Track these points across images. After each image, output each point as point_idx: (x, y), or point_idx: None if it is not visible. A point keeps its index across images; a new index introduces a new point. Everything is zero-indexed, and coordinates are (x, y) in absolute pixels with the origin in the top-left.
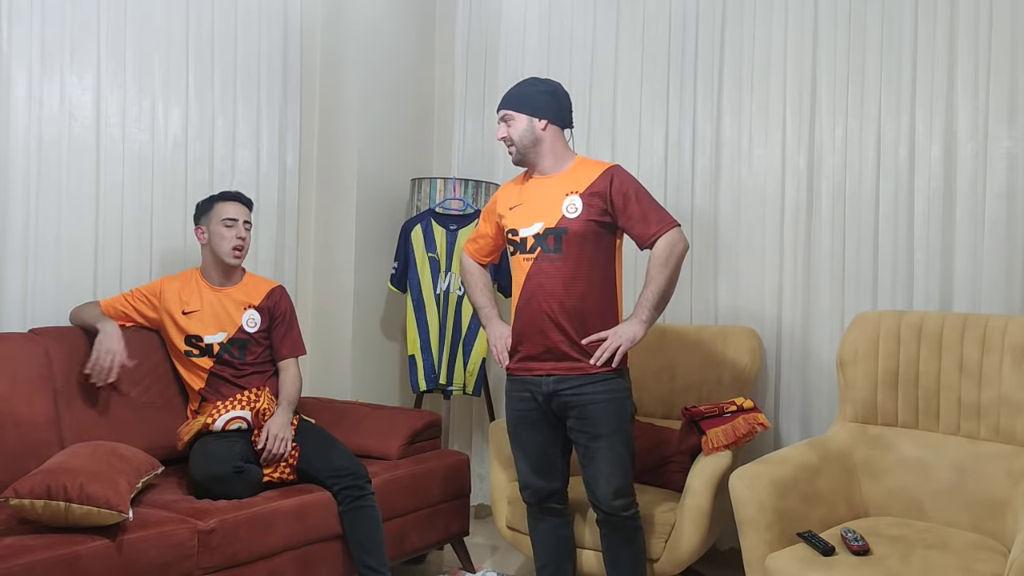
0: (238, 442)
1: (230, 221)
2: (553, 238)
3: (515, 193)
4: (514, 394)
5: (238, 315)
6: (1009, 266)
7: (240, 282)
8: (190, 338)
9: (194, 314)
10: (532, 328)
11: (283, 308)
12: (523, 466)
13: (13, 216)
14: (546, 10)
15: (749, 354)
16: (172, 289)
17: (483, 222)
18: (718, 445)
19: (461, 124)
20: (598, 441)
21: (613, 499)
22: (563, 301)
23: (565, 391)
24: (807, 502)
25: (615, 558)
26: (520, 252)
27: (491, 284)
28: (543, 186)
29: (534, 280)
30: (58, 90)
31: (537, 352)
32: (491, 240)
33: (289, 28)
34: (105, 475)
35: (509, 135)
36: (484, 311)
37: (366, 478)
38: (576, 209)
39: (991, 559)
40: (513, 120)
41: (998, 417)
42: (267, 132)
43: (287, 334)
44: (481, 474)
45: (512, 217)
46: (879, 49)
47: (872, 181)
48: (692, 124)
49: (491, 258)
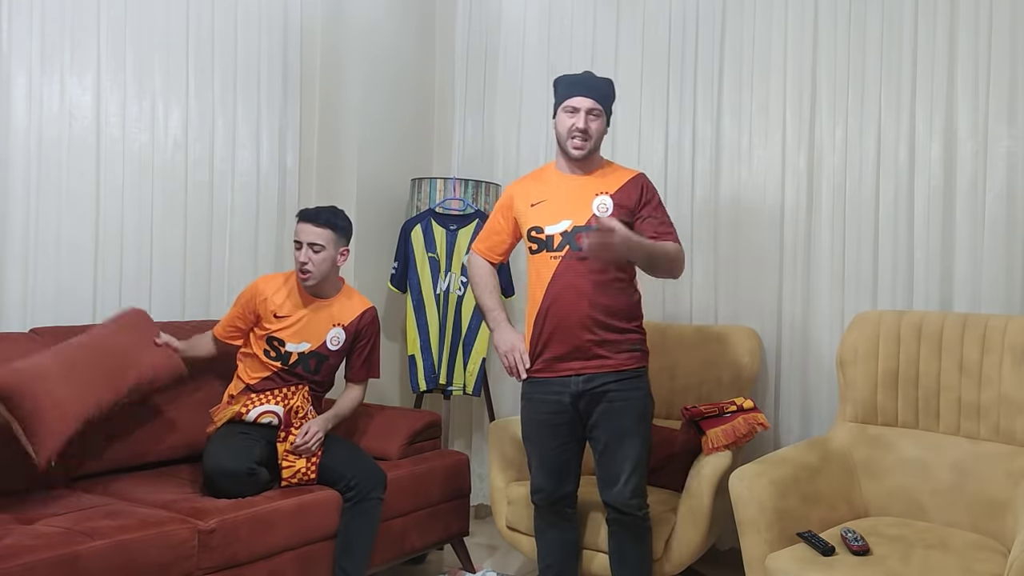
0: (259, 442)
1: (297, 243)
2: (583, 236)
3: (535, 189)
4: (535, 396)
5: (325, 331)
6: (1009, 266)
7: (336, 296)
8: (272, 340)
9: (285, 319)
10: (561, 328)
11: (370, 331)
12: (537, 469)
13: (13, 216)
14: (546, 10)
15: (749, 354)
16: (270, 289)
17: (496, 219)
18: (718, 445)
19: (461, 124)
20: (621, 439)
21: (631, 498)
22: (593, 300)
23: (594, 389)
24: (807, 502)
25: (623, 557)
26: (545, 250)
27: (499, 285)
28: (573, 183)
29: (563, 279)
30: (58, 90)
31: (564, 352)
32: (507, 237)
33: (289, 28)
34: (63, 406)
35: (591, 130)
36: (492, 314)
37: (380, 485)
38: (607, 208)
39: (991, 559)
40: (600, 117)
41: (998, 417)
42: (267, 132)
43: (368, 356)
44: (481, 474)
45: (535, 215)
46: (879, 49)
47: (872, 181)
48: (692, 124)
49: (503, 257)
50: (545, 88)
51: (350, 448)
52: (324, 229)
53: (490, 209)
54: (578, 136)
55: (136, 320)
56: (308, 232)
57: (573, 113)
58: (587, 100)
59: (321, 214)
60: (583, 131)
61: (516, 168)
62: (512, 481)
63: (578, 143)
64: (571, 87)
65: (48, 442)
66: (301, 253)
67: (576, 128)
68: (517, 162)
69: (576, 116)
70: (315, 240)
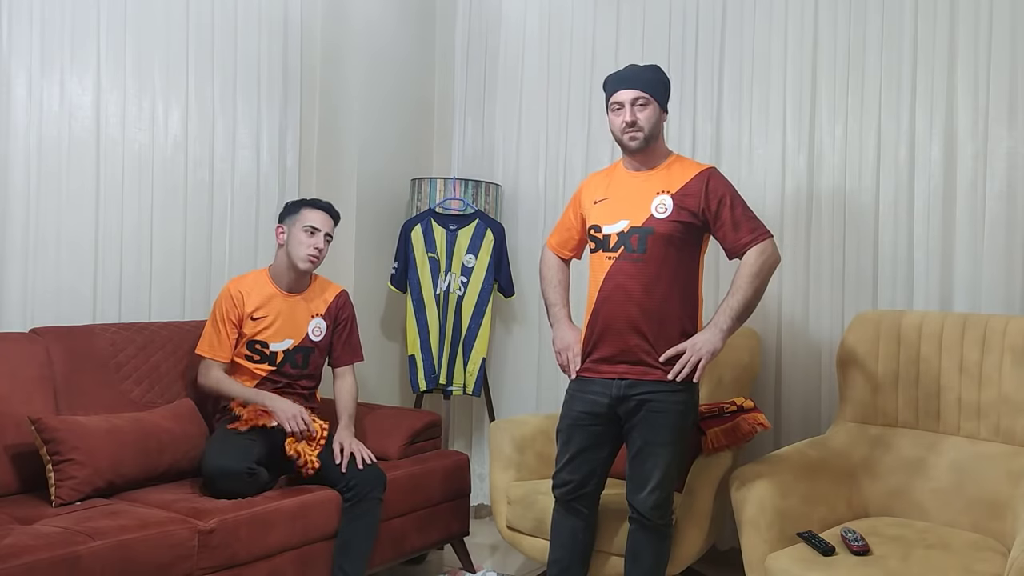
0: (256, 442)
1: (312, 229)
2: (638, 238)
3: (602, 186)
4: (578, 395)
5: (305, 323)
6: (1009, 266)
7: (308, 288)
8: (254, 343)
9: (262, 319)
10: (609, 329)
11: (346, 314)
12: (564, 462)
13: (13, 216)
14: (546, 9)
15: (749, 354)
16: (244, 291)
17: (568, 214)
18: (718, 445)
19: (461, 124)
20: (656, 448)
21: (653, 508)
22: (642, 304)
23: (636, 395)
24: (807, 502)
25: (637, 556)
26: (602, 249)
27: (568, 281)
28: (635, 181)
29: (613, 280)
30: (58, 90)
31: (611, 354)
32: (576, 232)
33: (289, 28)
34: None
35: (639, 120)
36: (555, 309)
37: (380, 485)
38: (666, 209)
39: (991, 559)
40: (649, 105)
41: (998, 417)
42: (267, 132)
43: (347, 340)
44: (481, 474)
45: (596, 212)
46: (879, 49)
47: (872, 181)
48: (692, 123)
49: (575, 253)
50: (545, 88)
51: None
52: (334, 221)
53: (490, 209)
54: (629, 130)
55: (185, 410)
56: (325, 222)
57: (619, 109)
58: (630, 92)
59: (330, 206)
60: (631, 123)
61: (516, 168)
62: (512, 481)
63: (631, 134)
64: (613, 85)
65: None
66: (315, 239)
67: (624, 122)
68: (517, 162)
69: (622, 111)
70: (330, 231)
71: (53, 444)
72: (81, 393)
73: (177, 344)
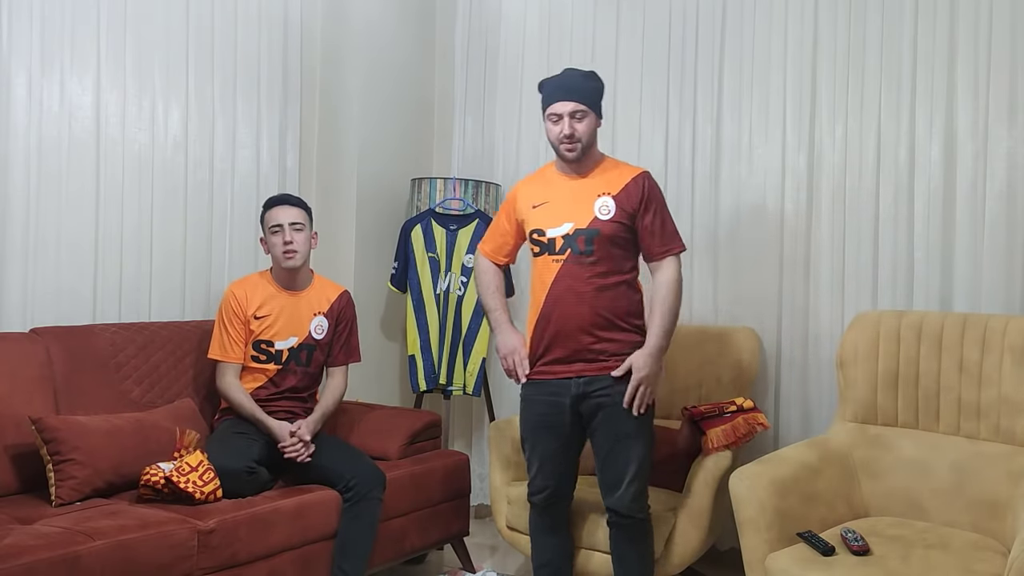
0: (257, 441)
1: (276, 227)
2: (584, 239)
3: (538, 191)
4: (535, 398)
5: (307, 321)
6: (1009, 266)
7: (309, 287)
8: (259, 343)
9: (265, 318)
10: (562, 332)
11: (348, 315)
12: (536, 469)
13: (13, 216)
14: (546, 9)
15: (749, 354)
16: (246, 292)
17: (501, 220)
18: (718, 445)
19: (461, 124)
20: (624, 442)
21: (632, 501)
22: (593, 304)
23: (595, 392)
24: (807, 502)
25: (624, 558)
26: (547, 253)
27: (504, 286)
28: (573, 185)
29: (563, 282)
30: (58, 90)
31: (565, 355)
32: (511, 238)
33: (289, 28)
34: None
35: (577, 132)
36: (495, 315)
37: (380, 485)
38: (609, 211)
39: (991, 559)
40: (586, 117)
41: (998, 417)
42: (267, 132)
43: (347, 340)
44: (481, 474)
45: (537, 216)
46: (879, 49)
47: (872, 181)
48: (692, 124)
49: (509, 258)
50: None
51: (348, 449)
52: (299, 208)
53: (490, 209)
54: (566, 142)
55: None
56: (286, 213)
57: (557, 120)
58: (567, 104)
59: (291, 197)
60: (569, 136)
61: (516, 168)
62: (512, 481)
63: (568, 147)
64: (550, 93)
65: (67, 493)
66: (283, 235)
67: (563, 135)
68: (517, 162)
69: (560, 123)
70: (295, 219)
71: (53, 444)
72: (81, 393)
73: (177, 344)
